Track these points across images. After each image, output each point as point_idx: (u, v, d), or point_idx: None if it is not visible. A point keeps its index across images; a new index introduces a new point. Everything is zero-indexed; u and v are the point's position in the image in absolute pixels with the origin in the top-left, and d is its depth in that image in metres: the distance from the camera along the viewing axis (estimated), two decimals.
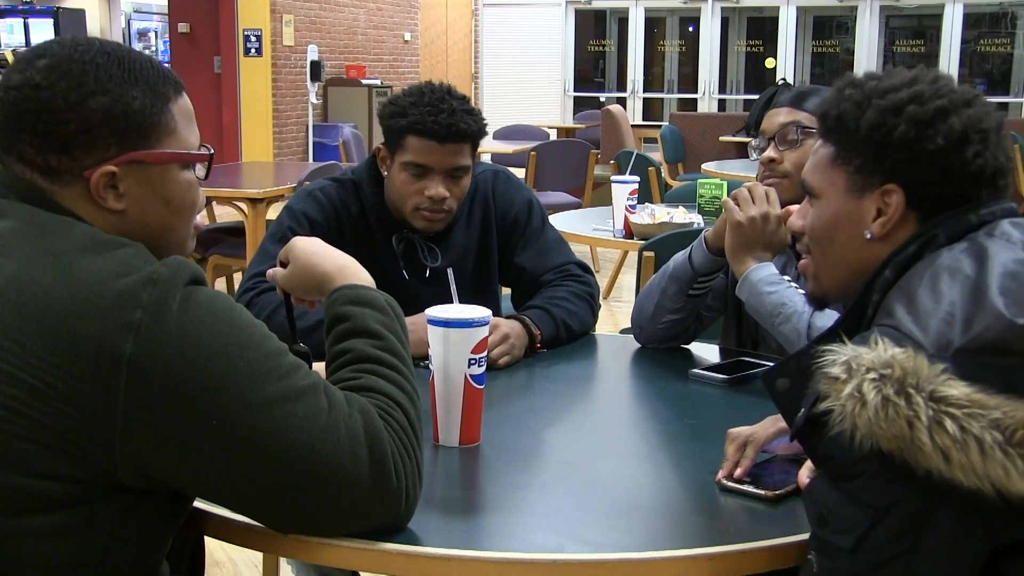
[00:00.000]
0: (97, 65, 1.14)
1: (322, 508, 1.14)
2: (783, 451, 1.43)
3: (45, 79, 1.12)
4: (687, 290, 1.96)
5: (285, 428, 1.09)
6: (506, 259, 2.28)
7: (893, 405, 1.00)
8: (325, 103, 11.13)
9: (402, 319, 1.33)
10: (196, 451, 1.08)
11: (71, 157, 1.13)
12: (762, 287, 1.81)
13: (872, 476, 1.03)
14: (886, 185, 1.24)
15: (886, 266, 1.20)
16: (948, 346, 1.05)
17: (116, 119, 1.14)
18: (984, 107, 1.24)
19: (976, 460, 0.96)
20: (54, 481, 1.06)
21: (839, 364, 1.05)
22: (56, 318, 1.04)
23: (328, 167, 5.33)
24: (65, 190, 1.14)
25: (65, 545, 1.08)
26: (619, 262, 6.26)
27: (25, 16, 12.87)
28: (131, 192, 1.16)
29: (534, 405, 1.81)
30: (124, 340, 1.04)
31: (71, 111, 1.12)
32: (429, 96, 2.07)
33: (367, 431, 1.14)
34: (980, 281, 1.09)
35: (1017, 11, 12.25)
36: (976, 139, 1.21)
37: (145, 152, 1.16)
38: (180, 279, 1.08)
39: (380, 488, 1.15)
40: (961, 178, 1.22)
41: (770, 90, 9.84)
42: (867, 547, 1.03)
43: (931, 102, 1.23)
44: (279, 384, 1.10)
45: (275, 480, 1.11)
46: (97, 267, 1.08)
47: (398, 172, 2.10)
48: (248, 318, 1.13)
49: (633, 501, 1.38)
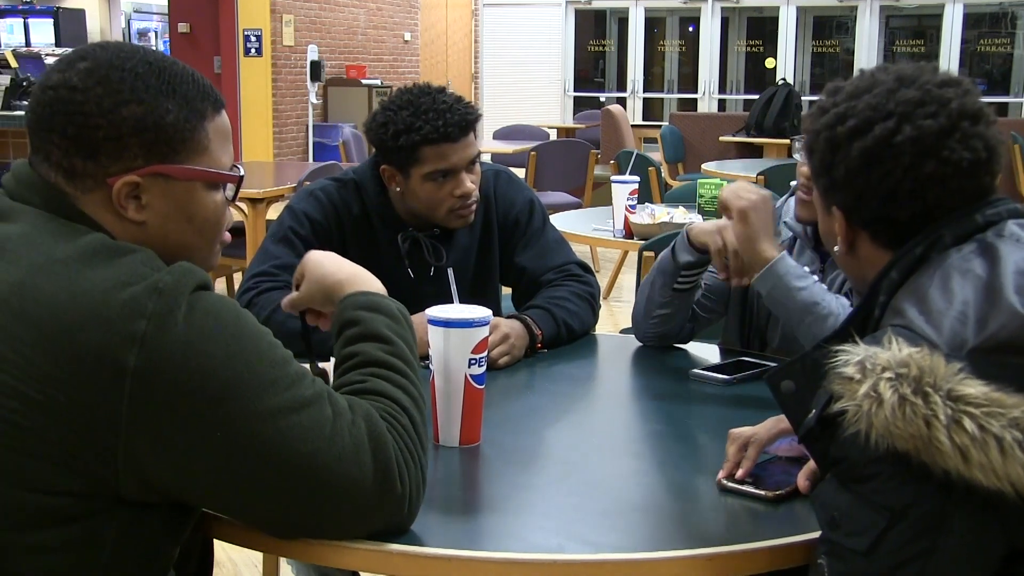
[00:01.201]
0: (136, 74, 1.14)
1: (326, 515, 1.13)
2: (785, 452, 1.43)
3: (82, 82, 1.13)
4: (672, 284, 1.95)
5: (290, 438, 1.09)
6: (507, 259, 2.28)
7: (910, 404, 0.98)
8: (325, 103, 11.12)
9: (412, 326, 1.33)
10: (199, 461, 1.07)
11: (96, 163, 1.13)
12: (791, 281, 1.73)
13: (887, 477, 1.02)
14: (832, 207, 1.29)
15: (892, 267, 1.20)
16: (963, 345, 1.05)
17: (147, 130, 1.13)
18: (923, 117, 1.20)
19: (996, 459, 0.95)
20: (56, 496, 1.05)
21: (853, 364, 1.04)
22: (59, 329, 1.04)
23: (328, 167, 5.33)
24: (87, 195, 1.14)
25: (67, 561, 1.08)
26: (619, 262, 6.26)
27: (25, 16, 12.86)
28: (153, 205, 1.16)
29: (534, 405, 1.81)
30: (128, 352, 1.03)
31: (102, 117, 1.12)
32: (425, 103, 2.04)
33: (371, 437, 1.14)
34: (993, 280, 1.09)
35: (1017, 11, 12.24)
36: (888, 156, 1.20)
37: (172, 167, 1.16)
38: (186, 287, 1.08)
39: (384, 493, 1.15)
40: (875, 200, 1.22)
41: (770, 90, 9.85)
42: (882, 549, 1.01)
43: (842, 124, 1.23)
44: (284, 395, 1.10)
45: (279, 489, 1.11)
46: (103, 276, 1.07)
47: (420, 184, 2.08)
48: (254, 325, 1.13)
49: (633, 501, 1.38)
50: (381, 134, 2.07)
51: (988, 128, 1.23)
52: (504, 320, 2.01)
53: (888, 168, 1.20)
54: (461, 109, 2.05)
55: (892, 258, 1.21)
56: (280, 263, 2.08)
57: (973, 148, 1.20)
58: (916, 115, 1.20)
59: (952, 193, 1.20)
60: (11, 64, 7.24)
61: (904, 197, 1.21)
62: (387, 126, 2.05)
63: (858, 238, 1.28)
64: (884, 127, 1.21)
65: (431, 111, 2.03)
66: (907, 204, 1.21)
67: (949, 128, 1.20)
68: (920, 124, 1.20)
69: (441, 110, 2.03)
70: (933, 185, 1.20)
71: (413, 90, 2.09)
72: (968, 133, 1.21)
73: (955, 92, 1.22)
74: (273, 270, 2.07)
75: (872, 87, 1.25)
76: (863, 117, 1.22)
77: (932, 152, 1.19)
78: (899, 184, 1.20)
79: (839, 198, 1.27)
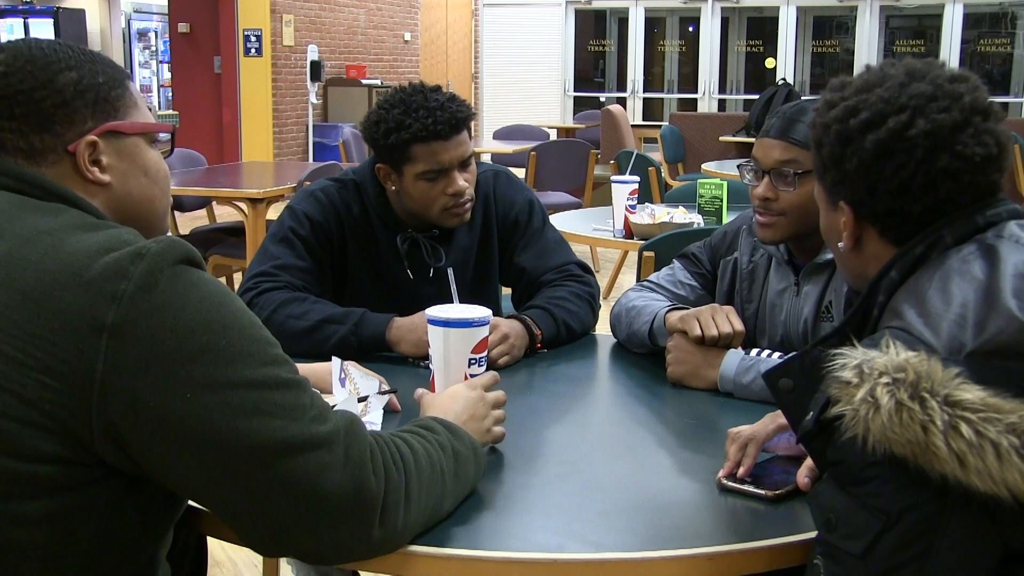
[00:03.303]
0: (54, 48, 1.20)
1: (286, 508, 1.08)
2: (784, 450, 1.43)
3: (9, 67, 1.16)
4: (652, 350, 1.97)
5: (258, 414, 1.06)
6: (506, 259, 2.28)
7: (907, 410, 0.98)
8: (325, 103, 11.13)
9: (481, 459, 1.35)
10: (167, 426, 1.05)
11: (53, 134, 1.16)
12: (740, 380, 1.77)
13: (883, 481, 1.02)
14: (839, 202, 1.27)
15: (891, 267, 1.19)
16: (960, 349, 1.04)
17: (87, 91, 1.18)
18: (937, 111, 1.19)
19: (993, 465, 0.95)
20: (39, 464, 1.04)
21: (850, 368, 1.03)
22: (43, 290, 1.04)
23: (328, 167, 5.33)
24: (52, 170, 1.17)
25: (54, 533, 1.07)
26: (619, 262, 6.27)
27: (25, 16, 12.88)
28: (113, 165, 1.20)
29: (534, 405, 1.81)
30: (107, 309, 1.03)
31: (43, 88, 1.16)
32: (416, 101, 2.04)
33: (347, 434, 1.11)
34: (992, 283, 1.08)
35: (1017, 11, 12.25)
36: (902, 148, 1.19)
37: (121, 123, 1.21)
38: (171, 256, 1.08)
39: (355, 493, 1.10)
40: (887, 194, 1.21)
41: (770, 90, 9.85)
42: (877, 553, 1.01)
43: (854, 117, 1.22)
44: (260, 370, 1.08)
45: (241, 467, 1.06)
46: (87, 243, 1.08)
47: (413, 183, 2.08)
48: (239, 305, 1.12)
49: (633, 501, 1.38)
50: (374, 132, 2.08)
51: (998, 124, 1.22)
52: (504, 320, 2.01)
53: (902, 161, 1.19)
54: (452, 107, 2.05)
55: (892, 257, 1.21)
56: (280, 263, 2.08)
57: (985, 143, 1.20)
58: (929, 109, 1.19)
59: (964, 188, 1.20)
60: None
61: (917, 191, 1.20)
62: (379, 124, 2.06)
63: (865, 233, 1.27)
64: (898, 120, 1.20)
65: (422, 109, 2.03)
66: (920, 198, 1.20)
67: (962, 123, 1.19)
68: (934, 118, 1.19)
69: (431, 108, 2.03)
70: (946, 179, 1.19)
71: (407, 88, 2.09)
72: (980, 128, 1.20)
73: (966, 87, 1.22)
74: (273, 270, 2.07)
75: (883, 81, 1.24)
76: (876, 110, 1.21)
77: (946, 146, 1.19)
78: (912, 177, 1.19)
79: (849, 192, 1.25)
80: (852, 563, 1.03)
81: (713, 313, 1.83)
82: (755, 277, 2.01)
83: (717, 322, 1.81)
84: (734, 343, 1.81)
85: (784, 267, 1.96)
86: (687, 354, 1.83)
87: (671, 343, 1.87)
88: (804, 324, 1.90)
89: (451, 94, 2.10)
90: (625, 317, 2.04)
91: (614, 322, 2.09)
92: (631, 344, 2.03)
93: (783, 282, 1.95)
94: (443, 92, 2.09)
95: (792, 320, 1.93)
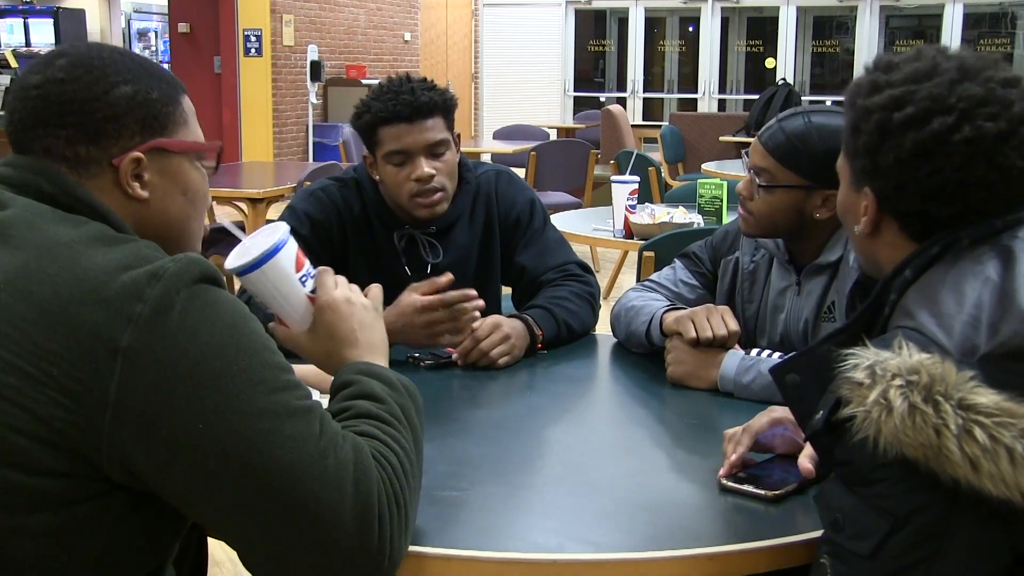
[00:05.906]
0: (115, 60, 1.20)
1: (293, 540, 1.07)
2: (781, 445, 1.43)
3: (68, 74, 1.17)
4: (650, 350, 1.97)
5: (269, 444, 1.06)
6: (507, 258, 2.29)
7: (920, 413, 0.97)
8: (325, 103, 11.13)
9: (413, 395, 1.29)
10: (179, 452, 1.05)
11: (99, 146, 1.17)
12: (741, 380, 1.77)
13: (893, 483, 1.01)
14: (865, 187, 1.23)
15: (906, 266, 1.16)
16: (974, 351, 1.03)
17: (139, 107, 1.18)
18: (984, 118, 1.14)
19: (1006, 470, 0.94)
20: (46, 477, 1.04)
21: (862, 369, 1.02)
22: (59, 305, 1.04)
23: (328, 167, 5.33)
24: (92, 181, 1.17)
25: (60, 546, 1.07)
26: (619, 262, 6.27)
27: (25, 16, 12.86)
28: (153, 182, 1.20)
29: (534, 405, 1.81)
30: (123, 331, 1.03)
31: (97, 100, 1.16)
32: (387, 86, 2.12)
33: (357, 466, 1.10)
34: (1007, 285, 1.07)
35: (1017, 11, 12.24)
36: (941, 153, 1.14)
37: (168, 140, 1.21)
38: (188, 277, 1.07)
39: (361, 528, 1.08)
40: (916, 196, 1.17)
41: (770, 90, 9.85)
42: (885, 554, 1.00)
43: (899, 110, 1.17)
44: (271, 397, 1.08)
45: (253, 500, 1.06)
46: (106, 259, 1.08)
47: (383, 167, 2.13)
48: (254, 326, 1.11)
49: (633, 501, 1.38)
50: (354, 119, 2.16)
51: None
52: (505, 320, 2.01)
53: (938, 165, 1.15)
54: (419, 92, 2.09)
55: (907, 256, 1.18)
56: None
57: None
58: (977, 115, 1.13)
59: (996, 198, 1.15)
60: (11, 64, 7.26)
61: (948, 197, 1.16)
62: (356, 110, 2.15)
63: (884, 223, 1.23)
64: (943, 122, 1.14)
65: (389, 92, 2.10)
66: (949, 204, 1.16)
67: (1008, 133, 1.13)
68: (980, 125, 1.13)
69: (396, 91, 2.09)
70: (980, 189, 1.15)
71: (389, 77, 2.16)
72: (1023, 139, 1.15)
73: (1017, 94, 1.16)
74: None
75: (932, 73, 1.17)
76: (922, 107, 1.15)
77: (986, 156, 1.14)
78: (945, 183, 1.15)
79: (878, 184, 1.21)
80: (859, 563, 1.03)
81: (708, 314, 1.84)
82: (756, 277, 2.01)
83: (712, 323, 1.82)
84: (729, 343, 1.81)
85: (785, 266, 1.97)
86: (686, 354, 1.83)
87: (670, 343, 1.87)
88: (804, 324, 1.90)
89: (431, 84, 2.14)
90: (624, 317, 2.05)
91: (614, 322, 2.10)
92: (630, 344, 2.04)
93: (784, 281, 1.96)
94: (425, 82, 2.14)
95: (792, 320, 1.93)
